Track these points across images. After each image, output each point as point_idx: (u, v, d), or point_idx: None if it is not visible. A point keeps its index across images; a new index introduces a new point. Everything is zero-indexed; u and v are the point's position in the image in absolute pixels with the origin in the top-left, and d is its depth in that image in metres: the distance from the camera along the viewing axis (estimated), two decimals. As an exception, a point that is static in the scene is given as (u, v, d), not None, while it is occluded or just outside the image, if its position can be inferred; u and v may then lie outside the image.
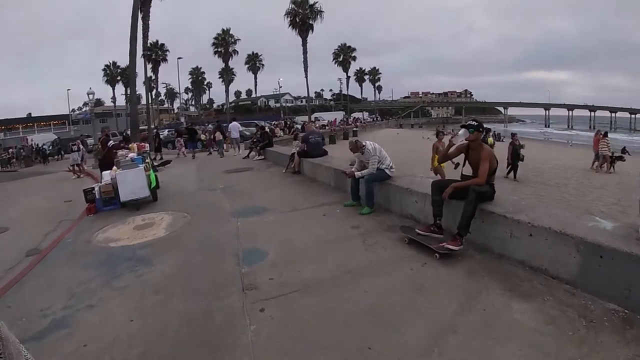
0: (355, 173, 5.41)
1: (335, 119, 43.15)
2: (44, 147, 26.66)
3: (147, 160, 7.55)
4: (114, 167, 7.16)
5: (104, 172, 7.39)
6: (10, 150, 28.01)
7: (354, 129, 36.71)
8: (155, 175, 8.87)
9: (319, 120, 37.56)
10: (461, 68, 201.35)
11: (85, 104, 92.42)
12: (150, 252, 4.63)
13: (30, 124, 45.67)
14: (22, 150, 26.97)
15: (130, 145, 8.91)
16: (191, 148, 16.18)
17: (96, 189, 7.11)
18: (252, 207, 6.14)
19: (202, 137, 18.82)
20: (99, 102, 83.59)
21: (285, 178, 8.75)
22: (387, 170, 5.24)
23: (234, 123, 16.92)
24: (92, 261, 4.54)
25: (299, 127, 27.36)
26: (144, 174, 6.86)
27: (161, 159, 13.05)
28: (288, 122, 30.88)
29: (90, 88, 20.80)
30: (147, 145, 8.97)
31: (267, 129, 14.63)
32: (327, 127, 31.03)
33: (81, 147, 15.10)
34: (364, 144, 5.38)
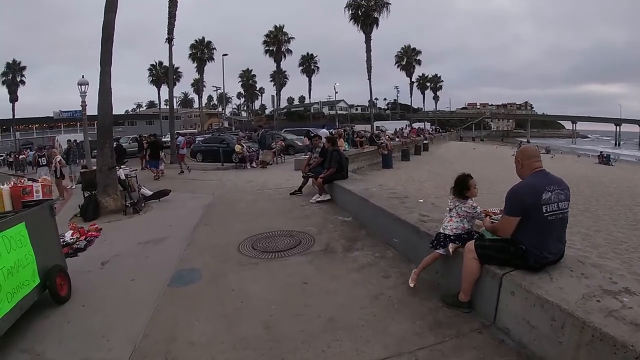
0: None
1: (415, 128, 36.68)
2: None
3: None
4: None
5: None
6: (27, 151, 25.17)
7: (424, 141, 30.07)
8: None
9: (381, 130, 30.73)
10: (512, 80, 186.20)
11: (138, 105, 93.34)
12: None
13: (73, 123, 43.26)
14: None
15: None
16: (153, 167, 12.02)
17: None
18: None
19: (237, 148, 13.47)
20: (151, 104, 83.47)
21: None
22: None
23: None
24: None
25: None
26: None
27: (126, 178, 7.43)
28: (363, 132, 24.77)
29: (82, 77, 12.63)
30: (50, 184, 3.31)
31: (333, 142, 7.43)
32: (397, 139, 24.40)
33: (58, 158, 10.34)
34: None
